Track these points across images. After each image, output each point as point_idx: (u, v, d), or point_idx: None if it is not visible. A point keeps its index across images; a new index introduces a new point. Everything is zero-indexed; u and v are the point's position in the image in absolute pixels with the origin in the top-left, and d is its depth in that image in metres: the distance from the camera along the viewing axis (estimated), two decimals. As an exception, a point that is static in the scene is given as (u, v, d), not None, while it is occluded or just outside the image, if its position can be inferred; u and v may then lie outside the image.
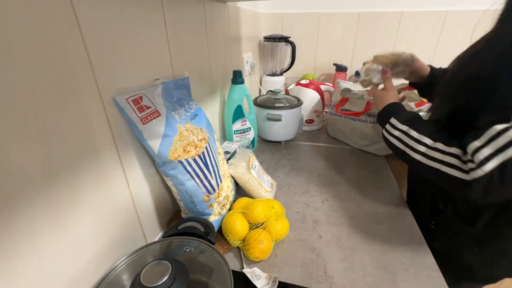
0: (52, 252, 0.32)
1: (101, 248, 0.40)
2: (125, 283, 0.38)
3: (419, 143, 0.50)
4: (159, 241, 0.43)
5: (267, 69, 1.34)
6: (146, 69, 0.47)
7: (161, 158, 0.45)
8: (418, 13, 1.22)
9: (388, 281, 0.46)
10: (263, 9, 1.35)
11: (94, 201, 0.38)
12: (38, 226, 0.30)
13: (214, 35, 0.76)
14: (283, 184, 0.74)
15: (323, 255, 0.52)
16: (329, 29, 1.34)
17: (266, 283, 0.44)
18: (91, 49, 0.35)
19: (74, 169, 0.34)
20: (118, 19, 0.39)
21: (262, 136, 0.99)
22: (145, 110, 0.43)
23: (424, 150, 0.49)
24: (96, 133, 0.37)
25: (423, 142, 0.50)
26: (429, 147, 0.49)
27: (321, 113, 1.09)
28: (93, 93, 0.36)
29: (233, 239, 0.51)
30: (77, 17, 0.32)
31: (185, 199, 0.51)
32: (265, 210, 0.54)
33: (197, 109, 0.56)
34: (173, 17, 0.54)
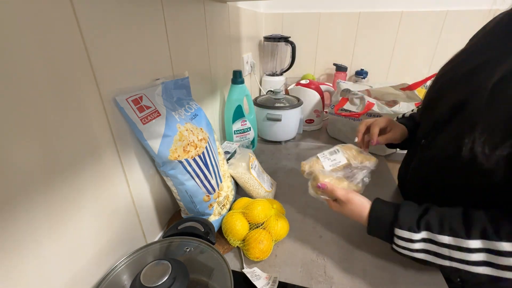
0: (52, 252, 0.32)
1: (101, 248, 0.40)
2: (125, 283, 0.38)
3: (466, 251, 0.36)
4: (159, 241, 0.43)
5: (267, 69, 1.34)
6: (146, 69, 0.47)
7: (161, 158, 0.45)
8: (418, 13, 1.22)
9: (388, 281, 0.46)
10: (263, 9, 1.35)
11: (94, 201, 0.38)
12: (38, 226, 0.30)
13: (214, 35, 0.76)
14: (283, 184, 0.74)
15: (323, 255, 0.52)
16: (329, 29, 1.34)
17: (266, 283, 0.44)
18: (91, 49, 0.35)
19: (74, 169, 0.34)
20: (118, 19, 0.39)
21: (262, 136, 0.99)
22: (145, 110, 0.43)
23: (487, 258, 0.35)
24: (96, 133, 0.37)
25: (471, 248, 0.36)
26: (491, 251, 0.34)
27: (321, 113, 1.09)
28: (93, 93, 0.36)
29: (233, 239, 0.51)
30: (77, 17, 0.32)
31: (185, 199, 0.51)
32: (265, 210, 0.54)
33: (197, 109, 0.56)
34: (173, 17, 0.54)
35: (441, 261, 0.39)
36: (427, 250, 0.40)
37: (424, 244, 0.40)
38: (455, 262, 0.37)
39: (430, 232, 0.39)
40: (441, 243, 0.38)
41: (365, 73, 1.33)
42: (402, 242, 0.41)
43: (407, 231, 0.40)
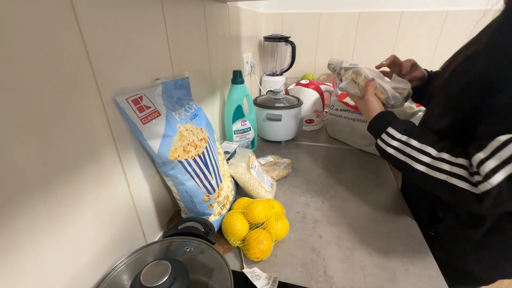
0: (52, 252, 0.32)
1: (101, 248, 0.40)
2: (125, 283, 0.38)
3: (422, 153, 0.48)
4: (159, 241, 0.43)
5: (267, 69, 1.34)
6: (146, 69, 0.47)
7: (161, 158, 0.45)
8: (418, 13, 1.22)
9: (388, 281, 0.46)
10: (263, 9, 1.35)
11: (94, 201, 0.38)
12: (38, 226, 0.30)
13: (214, 35, 0.76)
14: (283, 184, 0.74)
15: (323, 255, 0.52)
16: (329, 29, 1.34)
17: (266, 283, 0.44)
18: (91, 49, 0.35)
19: (74, 169, 0.34)
20: (118, 19, 0.39)
21: (262, 136, 0.99)
22: (145, 110, 0.43)
23: (429, 160, 0.46)
24: (96, 133, 0.37)
25: (427, 152, 0.47)
26: (433, 157, 0.46)
27: (321, 113, 1.09)
28: (93, 93, 0.36)
29: (233, 239, 0.51)
30: (77, 17, 0.32)
31: (185, 199, 0.51)
32: (265, 210, 0.54)
33: (197, 109, 0.56)
34: (173, 17, 0.54)
35: (401, 156, 0.51)
36: (398, 148, 0.52)
37: (398, 143, 0.52)
38: (410, 159, 0.49)
39: (408, 137, 0.51)
40: (410, 144, 0.50)
41: (365, 73, 1.32)
42: (385, 137, 0.54)
43: (395, 130, 0.53)
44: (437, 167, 0.45)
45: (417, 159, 0.48)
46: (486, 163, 0.39)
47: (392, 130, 0.53)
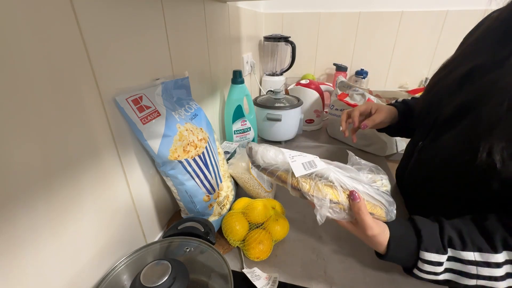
0: (52, 252, 0.32)
1: (101, 248, 0.40)
2: (125, 283, 0.38)
3: (491, 267, 0.34)
4: (159, 241, 0.43)
5: (267, 69, 1.34)
6: (146, 69, 0.47)
7: (161, 158, 0.45)
8: (418, 13, 1.22)
9: (388, 281, 0.46)
10: (263, 9, 1.35)
11: (94, 201, 0.38)
12: (38, 227, 0.30)
13: (214, 35, 0.76)
14: (283, 184, 0.74)
15: (323, 255, 0.52)
16: (329, 29, 1.34)
17: (266, 283, 0.44)
18: (91, 49, 0.35)
19: (74, 169, 0.34)
20: (118, 19, 0.39)
21: (262, 136, 0.99)
22: (145, 110, 0.43)
23: (509, 269, 0.34)
24: (96, 133, 0.37)
25: (497, 262, 0.34)
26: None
27: (321, 113, 1.09)
28: (93, 93, 0.36)
29: (233, 239, 0.51)
30: (77, 17, 0.32)
31: (185, 199, 0.51)
32: (265, 210, 0.54)
33: (197, 109, 0.56)
34: (173, 17, 0.54)
35: (467, 280, 0.36)
36: (451, 269, 0.37)
37: (448, 263, 0.37)
38: (482, 280, 0.35)
39: (454, 250, 0.36)
40: (466, 261, 0.35)
41: (365, 73, 1.33)
42: (428, 267, 0.37)
43: (435, 253, 0.37)
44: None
45: (495, 277, 0.35)
46: None
47: (429, 255, 0.37)
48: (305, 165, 0.38)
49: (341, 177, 0.38)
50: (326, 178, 0.37)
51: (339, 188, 0.37)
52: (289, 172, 0.37)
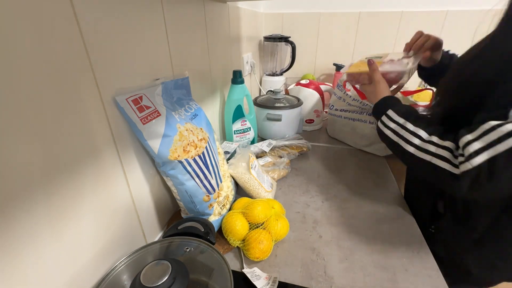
0: (52, 252, 0.32)
1: (101, 248, 0.40)
2: (125, 283, 0.38)
3: (414, 136, 0.50)
4: (159, 241, 0.43)
5: (267, 69, 1.34)
6: (146, 69, 0.47)
7: (161, 158, 0.45)
8: (418, 13, 1.22)
9: (388, 281, 0.46)
10: (263, 9, 1.35)
11: (94, 201, 0.38)
12: (37, 226, 0.30)
13: (214, 35, 0.76)
14: (283, 184, 0.74)
15: (323, 255, 0.52)
16: (329, 29, 1.34)
17: (266, 283, 0.44)
18: (91, 49, 0.35)
19: (74, 169, 0.34)
20: (118, 19, 0.39)
21: (262, 136, 0.99)
22: (145, 110, 0.43)
23: (418, 142, 0.48)
24: (96, 133, 0.37)
25: (418, 134, 0.49)
26: (423, 140, 0.48)
27: (321, 113, 1.09)
28: (93, 93, 0.36)
29: (233, 239, 0.51)
30: (77, 17, 0.32)
31: (185, 199, 0.51)
32: (265, 210, 0.54)
33: (197, 109, 0.56)
34: (173, 17, 0.54)
35: (395, 137, 0.52)
36: (394, 130, 0.53)
37: (395, 125, 0.53)
38: (402, 140, 0.51)
39: (405, 120, 0.52)
40: (405, 127, 0.52)
41: (365, 73, 1.32)
42: (384, 118, 0.56)
43: (395, 113, 0.55)
44: (424, 149, 0.47)
45: (408, 141, 0.50)
46: (472, 144, 0.39)
47: (391, 113, 0.55)
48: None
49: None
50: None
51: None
52: None
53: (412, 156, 0.49)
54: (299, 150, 0.87)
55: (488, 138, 0.38)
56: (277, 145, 0.85)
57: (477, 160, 0.38)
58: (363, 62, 0.70)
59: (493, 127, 0.38)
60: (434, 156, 0.45)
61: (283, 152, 0.83)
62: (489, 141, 0.38)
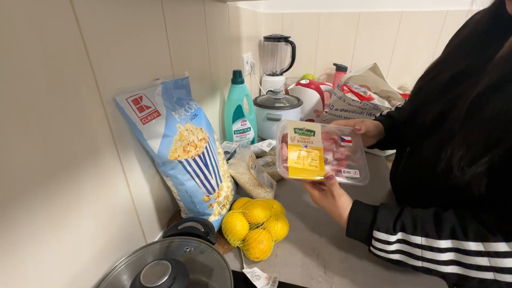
0: (52, 252, 0.32)
1: (101, 248, 0.40)
2: (125, 283, 0.38)
3: (438, 251, 0.37)
4: (159, 241, 0.43)
5: (267, 69, 1.34)
6: (146, 69, 0.47)
7: (161, 158, 0.45)
8: (418, 13, 1.22)
9: (388, 281, 0.46)
10: (263, 9, 1.35)
11: (94, 201, 0.38)
12: (37, 227, 0.30)
13: (214, 35, 0.76)
14: (283, 184, 0.74)
15: (323, 255, 0.52)
16: (329, 29, 1.34)
17: (266, 283, 0.44)
18: (91, 49, 0.35)
19: (74, 169, 0.34)
20: (118, 19, 0.39)
21: (262, 136, 0.99)
22: (145, 110, 0.43)
23: (454, 257, 0.36)
24: (96, 133, 0.37)
25: (442, 248, 0.37)
26: (456, 250, 0.36)
27: (321, 113, 1.09)
28: (93, 93, 0.36)
29: (233, 239, 0.51)
30: (77, 17, 0.32)
31: (185, 199, 0.51)
32: (265, 210, 0.54)
33: (197, 109, 0.56)
34: (173, 17, 0.54)
35: (414, 261, 0.40)
36: (401, 250, 0.41)
37: (399, 245, 0.41)
38: (426, 262, 0.39)
39: (405, 233, 0.40)
40: (414, 244, 0.39)
41: (365, 73, 1.32)
42: (379, 244, 0.42)
43: (385, 233, 0.41)
44: (472, 265, 0.35)
45: (436, 260, 0.38)
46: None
47: (379, 234, 0.42)
48: None
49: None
50: None
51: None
52: None
53: (462, 277, 0.36)
54: None
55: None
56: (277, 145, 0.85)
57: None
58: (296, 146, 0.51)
59: None
60: (497, 271, 0.34)
61: None
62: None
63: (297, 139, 0.52)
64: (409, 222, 0.41)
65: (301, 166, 0.49)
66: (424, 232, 0.39)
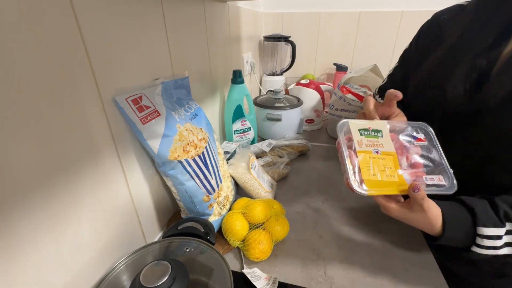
0: (52, 253, 0.32)
1: (101, 248, 0.40)
2: (125, 283, 0.38)
3: None
4: (159, 241, 0.43)
5: (267, 69, 1.34)
6: (146, 69, 0.47)
7: (161, 158, 0.45)
8: (418, 13, 1.22)
9: (388, 281, 0.46)
10: (263, 8, 1.35)
11: (94, 201, 0.38)
12: (37, 227, 0.30)
13: (214, 35, 0.76)
14: (283, 184, 0.74)
15: (323, 255, 0.52)
16: (329, 29, 1.34)
17: (266, 283, 0.44)
18: (91, 49, 0.35)
19: (74, 169, 0.34)
20: (118, 19, 0.39)
21: (262, 136, 0.99)
22: (145, 110, 0.43)
23: None
24: (96, 133, 0.37)
25: None
26: None
27: (321, 113, 1.09)
28: (93, 93, 0.36)
29: (233, 239, 0.51)
30: (77, 17, 0.32)
31: (185, 199, 0.51)
32: (265, 210, 0.54)
33: (197, 109, 0.56)
34: (173, 16, 0.54)
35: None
36: (511, 243, 0.38)
37: (507, 237, 0.38)
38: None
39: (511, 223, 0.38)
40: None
41: (365, 73, 1.32)
42: (487, 242, 0.38)
43: (493, 227, 0.38)
44: None
45: None
46: None
47: (487, 230, 0.38)
48: None
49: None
50: None
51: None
52: None
53: None
54: (299, 150, 0.86)
55: None
56: (277, 145, 0.85)
57: None
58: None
59: None
60: None
61: (283, 152, 0.83)
62: None
63: (364, 143, 0.43)
64: (509, 209, 0.39)
65: (379, 178, 0.40)
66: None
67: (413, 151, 0.43)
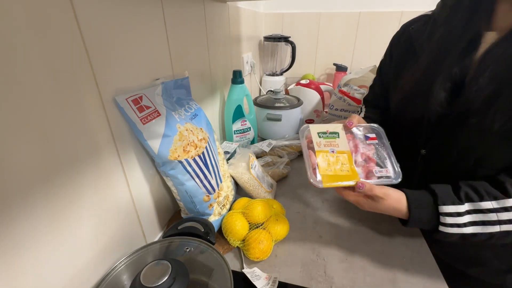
0: (52, 253, 0.32)
1: (101, 248, 0.40)
2: (125, 283, 0.38)
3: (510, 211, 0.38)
4: (159, 241, 0.43)
5: (267, 69, 1.34)
6: (146, 69, 0.47)
7: (161, 158, 0.45)
8: (418, 13, 1.21)
9: (388, 281, 0.46)
10: (263, 9, 1.35)
11: (94, 201, 0.38)
12: (37, 227, 0.30)
13: (214, 35, 0.76)
14: (283, 184, 0.74)
15: (323, 255, 0.52)
16: (329, 29, 1.34)
17: (266, 283, 0.44)
18: (91, 49, 0.35)
19: (74, 169, 0.34)
20: (118, 19, 0.39)
21: (262, 136, 0.99)
22: (145, 110, 0.43)
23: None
24: (96, 133, 0.37)
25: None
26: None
27: (321, 113, 1.09)
28: (93, 93, 0.36)
29: (233, 239, 0.51)
30: (77, 17, 0.32)
31: (185, 199, 0.51)
32: (265, 210, 0.54)
33: (197, 109, 0.56)
34: (173, 17, 0.54)
35: (490, 228, 0.39)
36: (474, 221, 0.40)
37: (470, 216, 0.40)
38: (504, 224, 0.38)
39: (472, 203, 0.40)
40: (486, 210, 0.39)
41: (365, 73, 1.32)
42: (450, 219, 0.40)
43: (452, 205, 0.40)
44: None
45: (511, 220, 0.38)
46: None
47: (447, 208, 0.41)
48: None
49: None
50: None
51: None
52: None
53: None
54: (299, 150, 0.87)
55: None
56: (277, 145, 0.85)
57: None
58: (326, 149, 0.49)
59: None
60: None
61: (283, 152, 0.83)
62: None
63: (323, 144, 0.49)
64: (470, 191, 0.41)
65: (333, 173, 0.46)
66: (491, 196, 0.39)
67: (366, 149, 0.50)
